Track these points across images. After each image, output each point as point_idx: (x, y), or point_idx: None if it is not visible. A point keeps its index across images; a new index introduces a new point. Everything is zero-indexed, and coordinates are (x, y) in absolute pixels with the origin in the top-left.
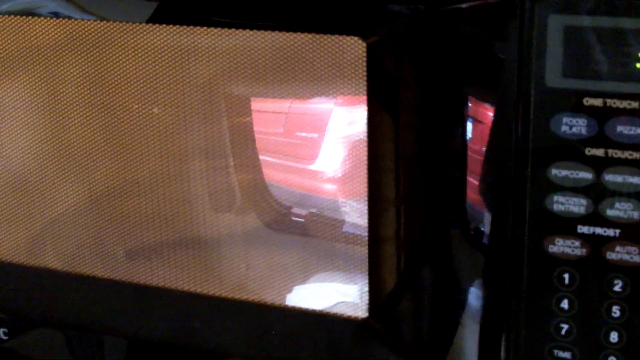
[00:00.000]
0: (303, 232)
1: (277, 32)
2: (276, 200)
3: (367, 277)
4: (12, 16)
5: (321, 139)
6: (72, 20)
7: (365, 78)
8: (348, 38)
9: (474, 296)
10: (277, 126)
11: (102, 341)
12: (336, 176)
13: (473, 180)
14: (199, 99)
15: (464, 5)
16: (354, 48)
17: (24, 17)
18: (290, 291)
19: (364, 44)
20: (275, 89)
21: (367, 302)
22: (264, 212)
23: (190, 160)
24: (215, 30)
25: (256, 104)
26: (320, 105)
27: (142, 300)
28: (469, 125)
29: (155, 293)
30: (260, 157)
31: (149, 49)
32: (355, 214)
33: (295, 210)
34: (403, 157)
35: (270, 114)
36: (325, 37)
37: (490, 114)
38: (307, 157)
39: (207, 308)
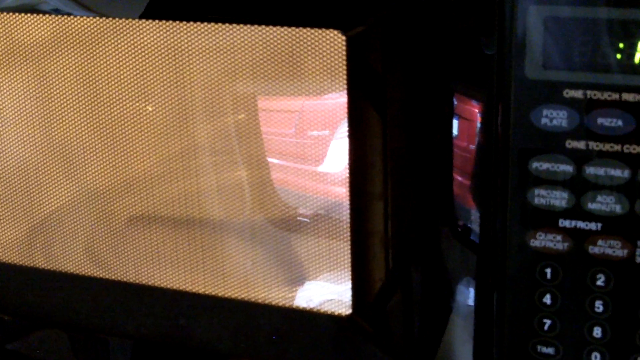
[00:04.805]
0: (297, 231)
1: (258, 26)
2: (281, 200)
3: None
4: (4, 13)
5: (332, 136)
6: (65, 17)
7: (345, 73)
8: (328, 31)
9: (463, 293)
10: (289, 126)
11: (107, 342)
12: (341, 177)
13: (459, 177)
14: (189, 96)
15: None
16: (334, 42)
17: (16, 14)
18: (277, 288)
19: (344, 37)
20: (262, 86)
21: (351, 298)
22: (266, 211)
23: (185, 159)
24: (197, 26)
25: (266, 103)
26: (335, 100)
27: (128, 298)
28: (455, 122)
29: (140, 291)
30: (269, 159)
31: (140, 45)
32: None
33: (293, 209)
34: (387, 152)
35: (282, 114)
36: (305, 30)
37: (476, 110)
38: (315, 159)
39: (192, 305)
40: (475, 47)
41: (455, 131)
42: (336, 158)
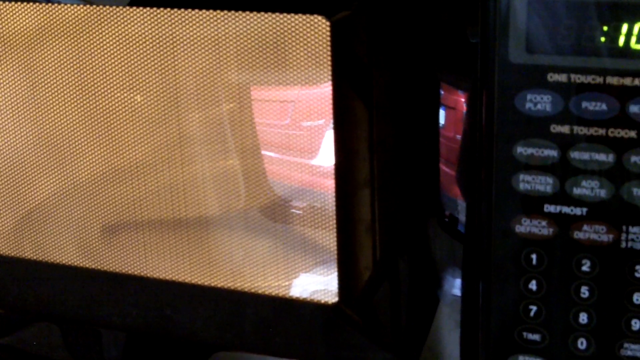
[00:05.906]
0: (285, 221)
1: (242, 12)
2: (270, 191)
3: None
4: None
5: (327, 125)
6: (54, 5)
7: (330, 59)
8: (312, 17)
9: (449, 282)
10: (284, 117)
11: (99, 336)
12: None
13: (445, 168)
14: (177, 85)
15: None
16: (318, 27)
17: (4, 2)
18: (264, 278)
19: (328, 23)
20: (250, 75)
21: (337, 287)
22: (255, 201)
23: (172, 149)
24: (184, 14)
25: (260, 93)
26: (329, 87)
27: (114, 288)
28: (442, 112)
29: (126, 280)
30: (263, 151)
31: (128, 33)
32: None
33: (282, 200)
34: (373, 141)
35: (276, 104)
36: (289, 16)
37: (463, 100)
38: (310, 150)
39: (178, 295)
40: (461, 35)
41: (441, 121)
42: (329, 151)
